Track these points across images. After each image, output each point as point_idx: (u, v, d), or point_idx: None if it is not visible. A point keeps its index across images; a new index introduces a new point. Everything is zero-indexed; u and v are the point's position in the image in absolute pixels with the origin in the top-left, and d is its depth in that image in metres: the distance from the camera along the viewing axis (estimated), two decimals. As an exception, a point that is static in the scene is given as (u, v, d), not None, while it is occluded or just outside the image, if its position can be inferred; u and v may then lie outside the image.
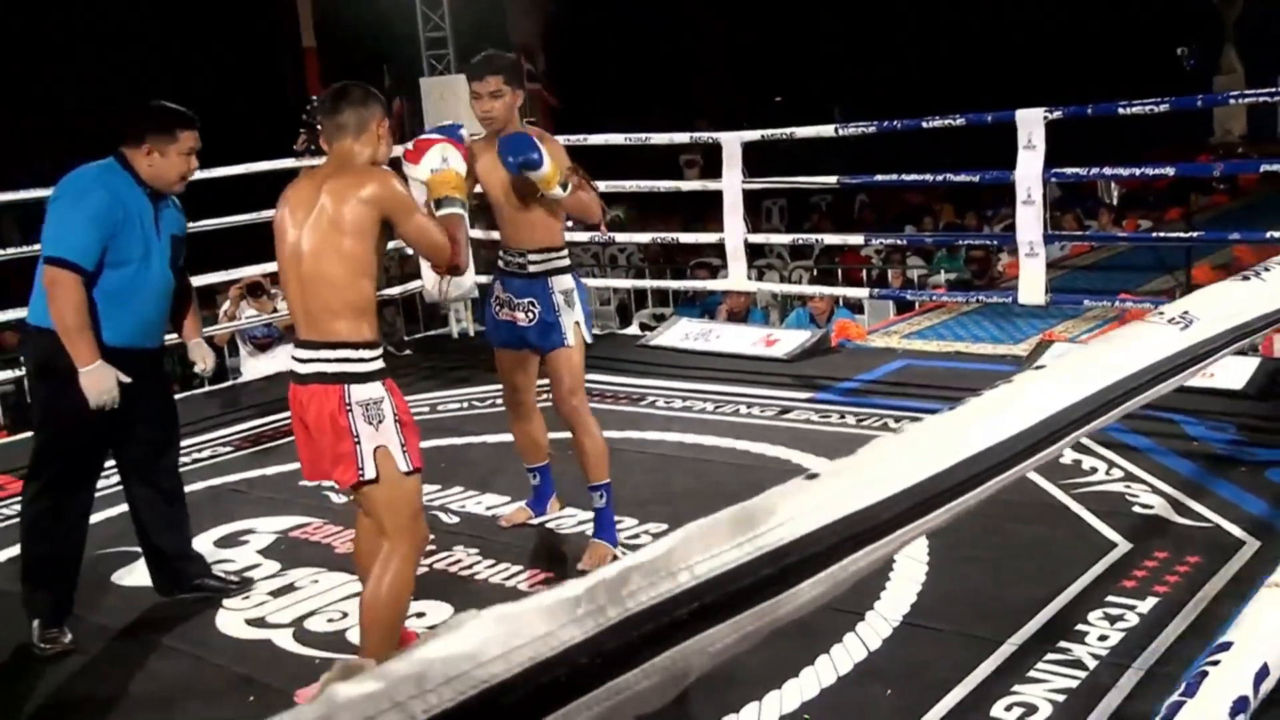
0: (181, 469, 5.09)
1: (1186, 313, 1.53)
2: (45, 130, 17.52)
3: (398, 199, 2.87)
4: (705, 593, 0.73)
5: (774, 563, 0.79)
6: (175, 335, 3.90)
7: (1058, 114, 5.39)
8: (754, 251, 6.60)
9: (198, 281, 7.01)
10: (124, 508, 4.65)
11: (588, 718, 0.62)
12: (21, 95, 16.92)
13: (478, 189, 3.93)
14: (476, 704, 0.58)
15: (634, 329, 8.38)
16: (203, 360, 3.89)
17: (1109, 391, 1.19)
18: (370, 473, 2.85)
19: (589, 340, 3.92)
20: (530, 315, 3.89)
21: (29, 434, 6.10)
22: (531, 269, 3.88)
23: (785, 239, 7.83)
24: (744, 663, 2.04)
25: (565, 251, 3.94)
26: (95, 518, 4.53)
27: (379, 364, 2.91)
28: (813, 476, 0.90)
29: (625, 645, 0.67)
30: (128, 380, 3.47)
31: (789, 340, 6.49)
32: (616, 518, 4.14)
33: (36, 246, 6.26)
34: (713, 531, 0.78)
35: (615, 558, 3.80)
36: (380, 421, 2.85)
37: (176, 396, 6.99)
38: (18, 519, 4.62)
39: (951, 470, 0.96)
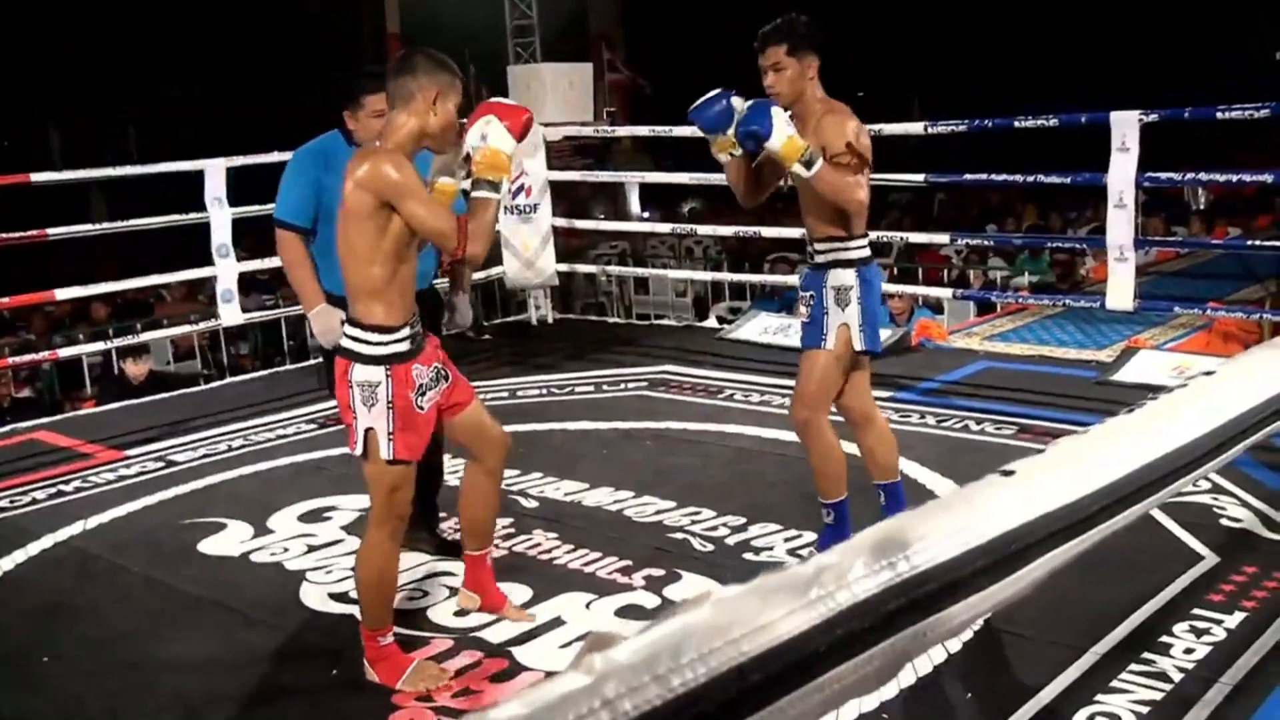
0: (265, 445, 5.28)
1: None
2: (131, 113, 17.91)
3: (390, 182, 2.76)
4: (928, 580, 0.73)
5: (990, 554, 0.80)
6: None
7: (1153, 117, 5.29)
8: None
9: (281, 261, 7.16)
10: (210, 480, 4.80)
11: (820, 699, 0.63)
12: (111, 77, 17.29)
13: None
14: (727, 680, 0.60)
15: (711, 321, 8.38)
16: (447, 312, 3.99)
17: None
18: (359, 450, 2.94)
19: (862, 348, 3.51)
20: (806, 309, 3.54)
21: (115, 405, 6.31)
22: (817, 259, 3.52)
23: (869, 236, 7.74)
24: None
25: (856, 243, 3.48)
26: (181, 489, 4.70)
27: (387, 349, 2.87)
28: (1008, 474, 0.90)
29: (856, 631, 0.67)
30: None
31: (868, 338, 6.44)
32: (695, 508, 4.16)
33: (123, 223, 6.48)
34: (938, 519, 0.79)
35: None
36: (373, 406, 2.87)
37: (258, 374, 7.20)
38: (108, 486, 4.80)
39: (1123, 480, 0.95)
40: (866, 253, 3.53)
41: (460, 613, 3.43)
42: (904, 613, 0.72)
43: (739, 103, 3.42)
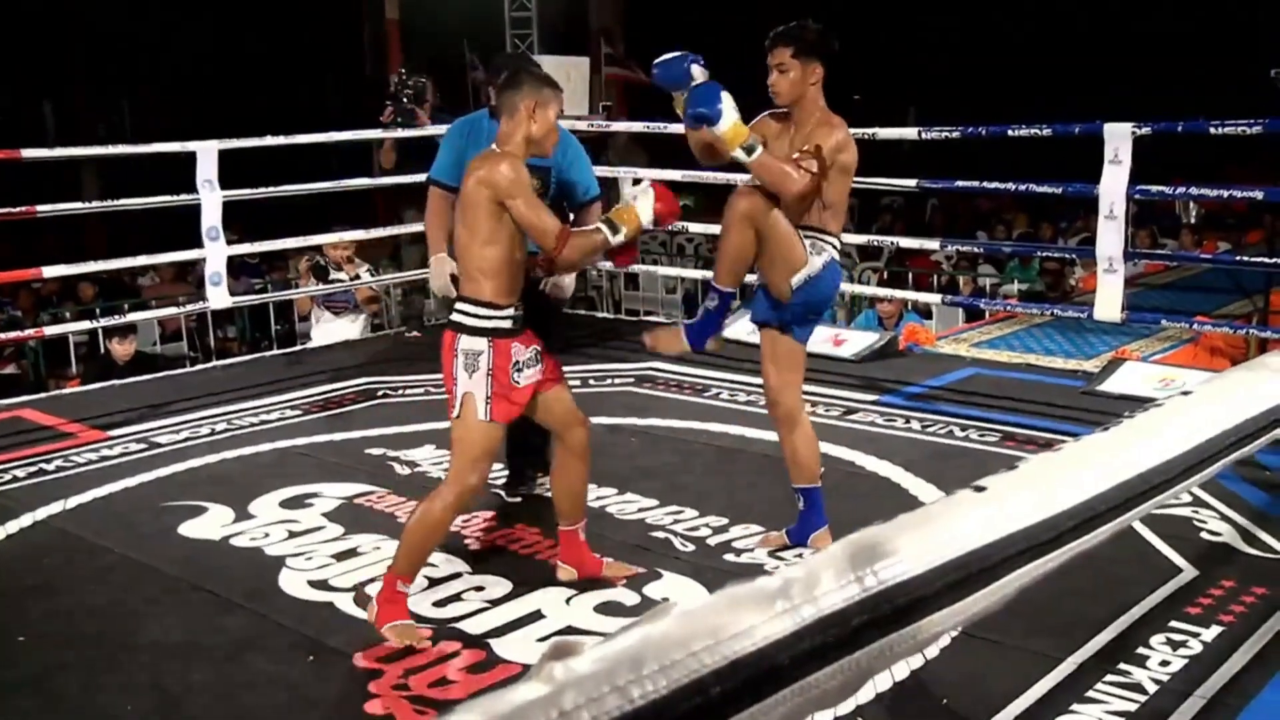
0: (249, 430, 5.26)
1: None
2: (126, 90, 17.83)
3: (503, 182, 3.13)
4: (895, 595, 0.73)
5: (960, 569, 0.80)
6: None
7: (1146, 130, 5.30)
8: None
9: (270, 246, 7.18)
10: (193, 463, 4.79)
11: (783, 712, 0.63)
12: (106, 55, 17.21)
13: None
14: (688, 691, 0.59)
15: (699, 319, 8.36)
16: (549, 280, 4.11)
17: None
18: (456, 412, 3.24)
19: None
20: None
21: (99, 385, 6.29)
22: None
23: (859, 239, 7.77)
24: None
25: (829, 237, 3.66)
26: (164, 471, 4.68)
27: (492, 324, 3.21)
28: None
29: (821, 644, 0.67)
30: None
31: (857, 341, 6.46)
32: (677, 507, 4.17)
33: (113, 202, 6.47)
34: (907, 534, 0.78)
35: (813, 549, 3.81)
36: (475, 372, 3.20)
37: (243, 359, 7.19)
38: (90, 466, 4.78)
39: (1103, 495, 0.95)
40: (835, 254, 3.70)
41: (440, 603, 3.43)
42: (870, 627, 0.72)
43: (698, 70, 3.55)
